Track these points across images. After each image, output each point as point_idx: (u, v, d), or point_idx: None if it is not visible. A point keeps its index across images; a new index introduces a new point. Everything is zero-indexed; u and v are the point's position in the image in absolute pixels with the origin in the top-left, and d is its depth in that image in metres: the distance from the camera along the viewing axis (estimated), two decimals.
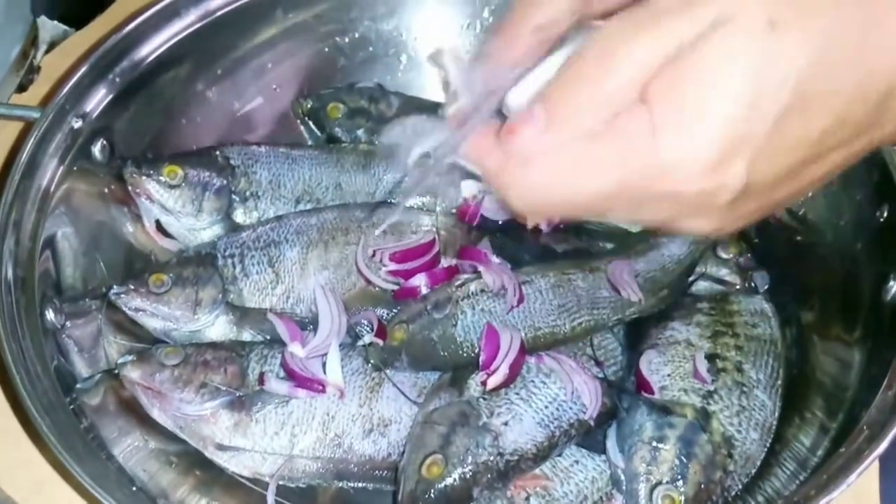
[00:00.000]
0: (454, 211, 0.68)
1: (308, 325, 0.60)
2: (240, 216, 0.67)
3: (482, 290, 0.58)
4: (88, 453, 0.46)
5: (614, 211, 0.33)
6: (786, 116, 0.29)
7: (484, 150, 0.34)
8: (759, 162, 0.30)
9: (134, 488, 0.48)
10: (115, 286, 0.59)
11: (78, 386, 0.53)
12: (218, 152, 0.68)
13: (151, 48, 0.64)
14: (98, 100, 0.61)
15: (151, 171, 0.64)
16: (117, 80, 0.62)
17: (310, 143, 0.74)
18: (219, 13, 0.66)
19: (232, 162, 0.68)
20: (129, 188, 0.64)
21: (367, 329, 0.60)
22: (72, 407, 0.49)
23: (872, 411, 0.45)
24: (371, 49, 0.75)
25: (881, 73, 0.30)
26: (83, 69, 0.60)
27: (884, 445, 0.42)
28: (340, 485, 0.56)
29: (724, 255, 0.60)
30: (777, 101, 0.29)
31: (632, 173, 0.31)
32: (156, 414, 0.55)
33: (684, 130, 0.29)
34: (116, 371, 0.56)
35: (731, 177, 0.30)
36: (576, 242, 0.65)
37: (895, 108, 0.31)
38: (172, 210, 0.65)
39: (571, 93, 0.31)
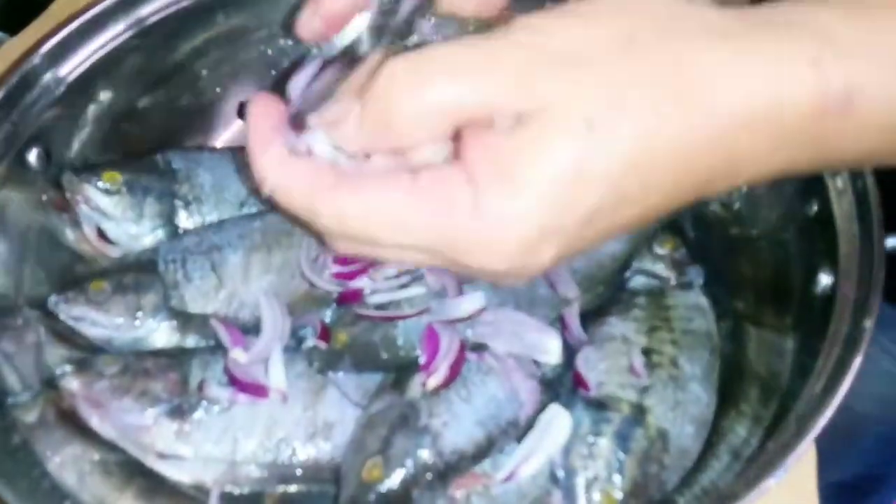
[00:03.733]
0: None
1: (252, 329, 0.60)
2: (183, 221, 0.67)
3: (424, 291, 0.59)
4: (17, 472, 0.45)
5: (411, 259, 0.33)
6: (597, 211, 0.30)
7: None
8: (568, 245, 0.31)
9: (67, 503, 0.47)
10: (53, 295, 0.59)
11: (10, 401, 0.52)
12: (159, 156, 0.67)
13: (88, 53, 0.63)
14: (31, 107, 0.60)
15: (90, 177, 0.63)
16: (52, 85, 0.61)
17: None
18: (158, 16, 0.65)
19: (174, 166, 0.67)
20: (68, 195, 0.63)
21: (311, 332, 0.60)
22: (2, 424, 0.49)
23: (801, 404, 0.46)
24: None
25: (700, 168, 0.30)
26: (14, 77, 0.59)
27: (810, 439, 0.43)
28: (284, 489, 0.56)
29: (659, 251, 0.60)
30: (590, 200, 0.29)
31: (443, 241, 0.31)
32: (95, 424, 0.55)
33: (505, 210, 0.29)
34: (55, 382, 0.55)
35: (540, 260, 0.31)
36: None
37: (713, 191, 0.32)
38: (113, 216, 0.64)
39: (388, 93, 0.30)
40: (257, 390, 0.56)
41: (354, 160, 0.32)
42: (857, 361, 0.44)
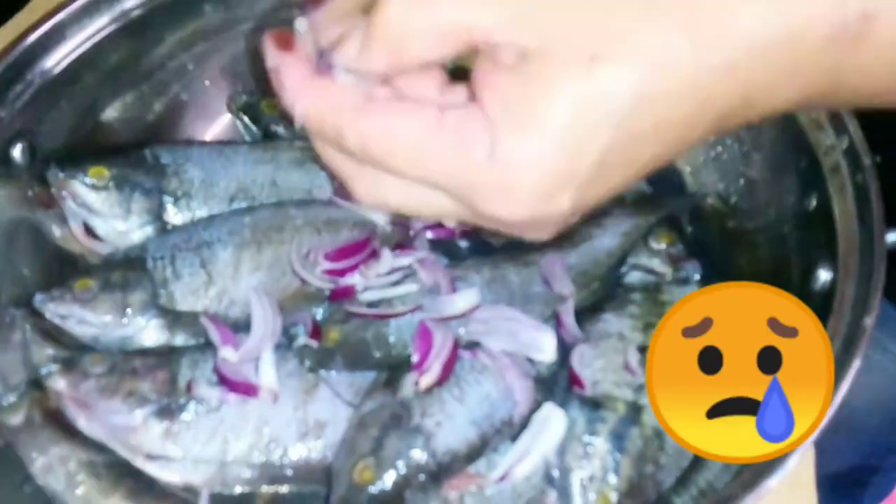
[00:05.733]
0: None
1: (243, 327, 0.59)
2: (171, 217, 0.65)
3: (417, 288, 0.58)
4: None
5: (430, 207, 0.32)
6: (610, 151, 0.29)
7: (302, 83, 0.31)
8: (585, 190, 0.30)
9: None
10: (39, 293, 0.58)
11: None
12: (147, 151, 0.66)
13: (72, 46, 0.61)
14: (15, 101, 0.59)
15: (76, 173, 0.62)
16: (36, 80, 0.60)
17: (247, 138, 0.73)
18: (143, 8, 0.64)
19: (162, 161, 0.66)
20: (54, 191, 0.62)
21: (302, 330, 0.59)
22: None
23: None
24: None
25: (715, 101, 0.29)
26: None
27: (812, 437, 0.42)
28: (275, 489, 0.56)
29: (655, 246, 0.59)
30: (598, 138, 0.28)
31: (461, 182, 0.30)
32: (82, 424, 0.54)
33: (517, 155, 0.29)
34: (41, 382, 0.54)
35: (558, 208, 0.30)
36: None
37: (729, 126, 0.31)
38: (100, 212, 0.63)
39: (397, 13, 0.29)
40: (247, 389, 0.55)
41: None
42: (858, 361, 0.43)
